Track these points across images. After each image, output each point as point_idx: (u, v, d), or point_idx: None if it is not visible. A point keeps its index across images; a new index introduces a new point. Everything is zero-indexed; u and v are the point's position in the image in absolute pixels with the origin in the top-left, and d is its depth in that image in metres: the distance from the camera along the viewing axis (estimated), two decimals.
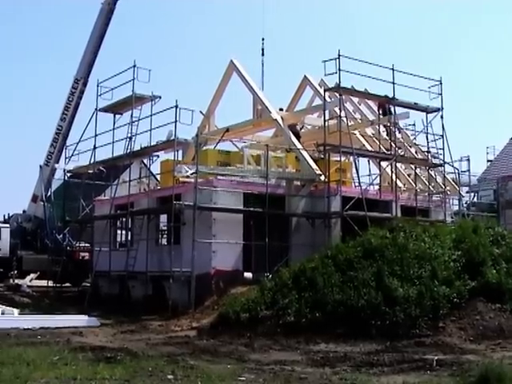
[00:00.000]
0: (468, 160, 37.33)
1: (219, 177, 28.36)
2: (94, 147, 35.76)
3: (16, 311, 26.13)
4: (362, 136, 34.87)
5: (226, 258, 26.85)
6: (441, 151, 33.40)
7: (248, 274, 26.76)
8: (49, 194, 44.61)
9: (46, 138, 46.09)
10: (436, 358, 15.50)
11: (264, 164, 29.10)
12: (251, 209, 27.82)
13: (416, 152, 35.80)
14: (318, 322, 19.78)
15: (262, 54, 36.42)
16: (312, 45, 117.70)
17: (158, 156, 34.02)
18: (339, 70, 28.91)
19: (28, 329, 21.89)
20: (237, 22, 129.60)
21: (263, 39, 36.64)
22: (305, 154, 30.74)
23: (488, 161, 53.18)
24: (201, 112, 35.23)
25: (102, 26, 42.85)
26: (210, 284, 25.97)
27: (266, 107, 32.78)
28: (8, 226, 47.00)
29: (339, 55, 28.73)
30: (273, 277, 24.23)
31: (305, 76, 37.89)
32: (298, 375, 14.07)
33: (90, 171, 37.30)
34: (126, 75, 33.00)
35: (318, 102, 36.08)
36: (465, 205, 38.38)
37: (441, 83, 32.79)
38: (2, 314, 25.42)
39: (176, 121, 28.20)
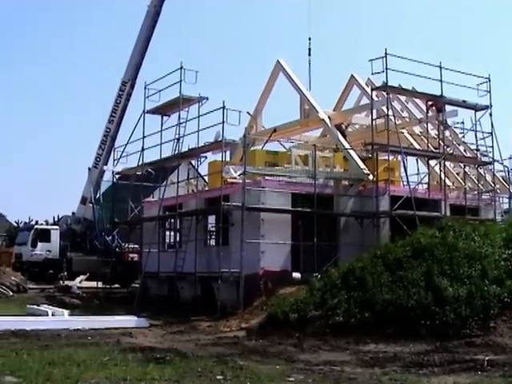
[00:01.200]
0: None
1: (267, 177, 28.32)
2: (142, 149, 35.97)
3: (66, 312, 26.39)
4: (410, 135, 34.65)
5: (274, 258, 26.79)
6: (490, 149, 33.04)
7: (296, 274, 26.65)
8: (98, 195, 45.00)
9: (94, 141, 46.57)
10: (487, 358, 15.22)
11: (312, 164, 28.98)
12: (299, 209, 27.75)
13: (465, 150, 35.37)
14: (368, 322, 19.60)
15: (309, 54, 36.23)
16: (358, 44, 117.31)
17: (205, 157, 34.13)
18: (386, 68, 28.72)
19: (78, 330, 22.06)
20: (283, 22, 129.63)
21: (310, 39, 36.46)
22: (352, 153, 30.57)
23: None
24: (248, 113, 35.22)
25: (149, 29, 43.12)
26: (258, 284, 25.92)
27: (314, 107, 32.66)
28: (58, 228, 47.64)
29: (386, 54, 28.53)
30: (321, 277, 24.08)
31: (352, 75, 37.71)
32: (347, 376, 13.96)
33: (139, 173, 37.51)
34: (173, 77, 33.19)
35: (365, 101, 35.93)
36: None
37: (489, 80, 32.45)
38: (53, 315, 25.69)
39: (223, 122, 28.27)
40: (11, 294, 35.50)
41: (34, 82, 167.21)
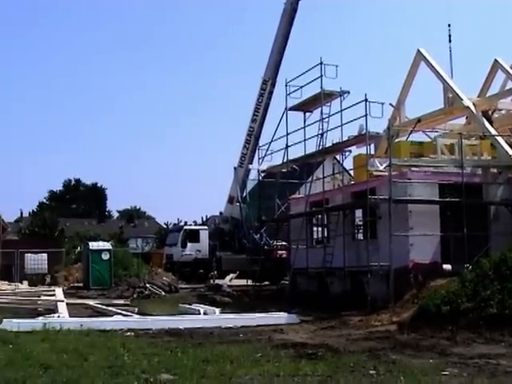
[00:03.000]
0: None
1: (413, 168, 27.87)
2: (286, 146, 36.15)
3: (217, 310, 26.84)
4: None
5: (423, 250, 26.35)
6: None
7: (447, 266, 26.09)
8: (244, 194, 45.54)
9: (238, 141, 47.18)
10: None
11: (458, 153, 28.31)
12: (447, 199, 27.19)
13: None
14: None
15: (449, 41, 35.41)
16: (497, 27, 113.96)
17: (350, 151, 34.01)
18: None
19: (230, 327, 22.35)
20: (422, 10, 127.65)
21: (449, 25, 35.66)
22: (500, 139, 29.65)
23: None
24: (390, 104, 34.76)
25: (286, 26, 43.30)
26: (408, 277, 25.53)
27: (457, 94, 31.88)
28: (206, 228, 48.55)
29: None
30: (473, 268, 23.47)
31: (495, 60, 36.57)
32: (503, 369, 13.57)
33: (284, 170, 37.70)
34: (313, 73, 33.20)
35: (510, 85, 34.78)
36: None
37: None
38: (205, 313, 26.17)
39: (366, 114, 28.13)
40: (163, 294, 36.40)
41: (174, 84, 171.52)
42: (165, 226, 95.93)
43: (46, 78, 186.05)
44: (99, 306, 29.69)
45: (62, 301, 29.85)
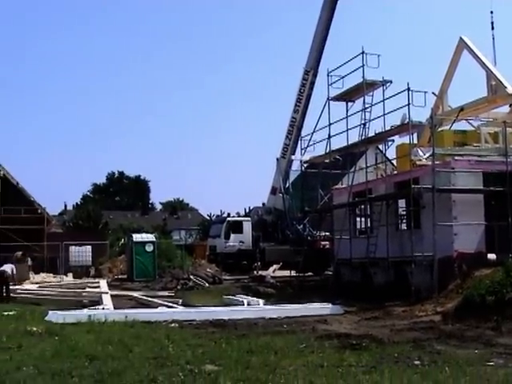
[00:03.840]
0: None
1: (456, 157, 27.62)
2: (329, 136, 35.99)
3: (261, 301, 26.90)
4: None
5: (467, 240, 26.12)
6: None
7: (492, 256, 25.85)
8: (287, 185, 45.55)
9: (280, 131, 47.14)
10: None
11: (502, 141, 28.03)
12: (491, 188, 26.91)
13: None
14: None
15: (492, 28, 34.96)
16: None
17: (392, 141, 33.81)
18: None
19: (274, 318, 22.40)
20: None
21: (492, 12, 35.21)
22: None
23: None
24: (433, 93, 34.42)
25: (328, 16, 43.17)
26: (452, 267, 25.37)
27: (501, 82, 31.46)
28: (249, 219, 48.60)
29: None
30: None
31: None
32: None
33: (326, 160, 37.58)
34: (355, 62, 33.01)
35: None
36: None
37: None
38: (248, 304, 26.23)
39: (409, 104, 27.94)
40: (207, 285, 36.57)
41: (216, 75, 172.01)
42: (208, 218, 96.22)
43: (92, 70, 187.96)
44: (143, 297, 29.93)
45: (107, 293, 30.15)
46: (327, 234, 41.07)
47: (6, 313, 23.07)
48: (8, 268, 30.27)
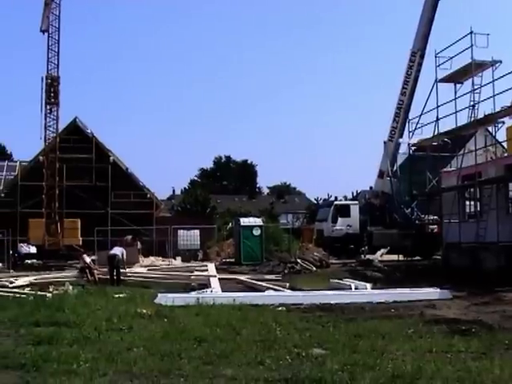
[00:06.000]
0: None
1: None
2: (437, 118, 35.51)
3: (369, 286, 26.77)
4: None
5: None
6: None
7: None
8: (395, 168, 45.10)
9: (387, 114, 46.69)
10: None
11: None
12: None
13: None
14: None
15: None
16: None
17: (503, 122, 33.06)
18: None
19: (381, 302, 22.28)
20: None
21: None
22: None
23: None
24: None
25: None
26: None
27: None
28: (357, 203, 48.36)
29: None
30: None
31: None
32: None
33: (435, 143, 37.09)
34: (463, 42, 32.41)
35: None
36: None
37: None
38: (356, 288, 26.14)
39: None
40: (314, 269, 36.54)
41: (325, 58, 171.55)
42: (315, 202, 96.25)
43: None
44: (251, 281, 30.14)
45: (215, 276, 30.48)
46: (435, 217, 40.55)
47: (116, 295, 23.69)
48: (118, 252, 31.00)
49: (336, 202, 52.20)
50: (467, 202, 35.04)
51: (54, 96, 43.05)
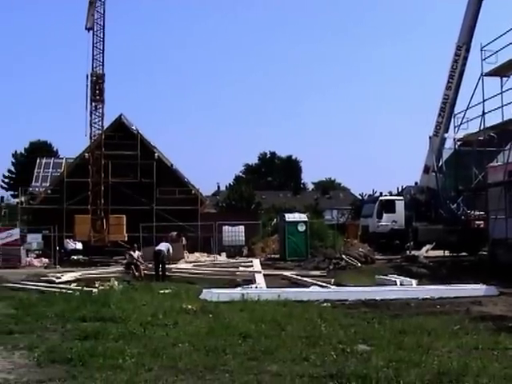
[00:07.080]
0: None
1: None
2: (483, 113, 35.24)
3: (414, 282, 26.61)
4: None
5: None
6: None
7: None
8: (440, 164, 44.71)
9: (432, 109, 46.33)
10: None
11: None
12: None
13: None
14: None
15: None
16: None
17: None
18: None
19: (427, 299, 22.15)
20: None
21: None
22: None
23: None
24: None
25: None
26: None
27: None
28: (402, 198, 48.05)
29: None
30: None
31: None
32: None
33: (481, 138, 36.74)
34: (509, 36, 32.11)
35: None
36: None
37: None
38: (401, 284, 26.03)
39: None
40: (359, 264, 36.41)
41: (365, 55, 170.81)
42: (360, 197, 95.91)
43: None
44: (296, 276, 30.14)
45: (260, 272, 30.54)
46: (482, 213, 40.17)
47: (162, 291, 23.85)
48: (164, 247, 31.20)
49: (381, 198, 51.90)
50: None
51: (99, 93, 43.57)
